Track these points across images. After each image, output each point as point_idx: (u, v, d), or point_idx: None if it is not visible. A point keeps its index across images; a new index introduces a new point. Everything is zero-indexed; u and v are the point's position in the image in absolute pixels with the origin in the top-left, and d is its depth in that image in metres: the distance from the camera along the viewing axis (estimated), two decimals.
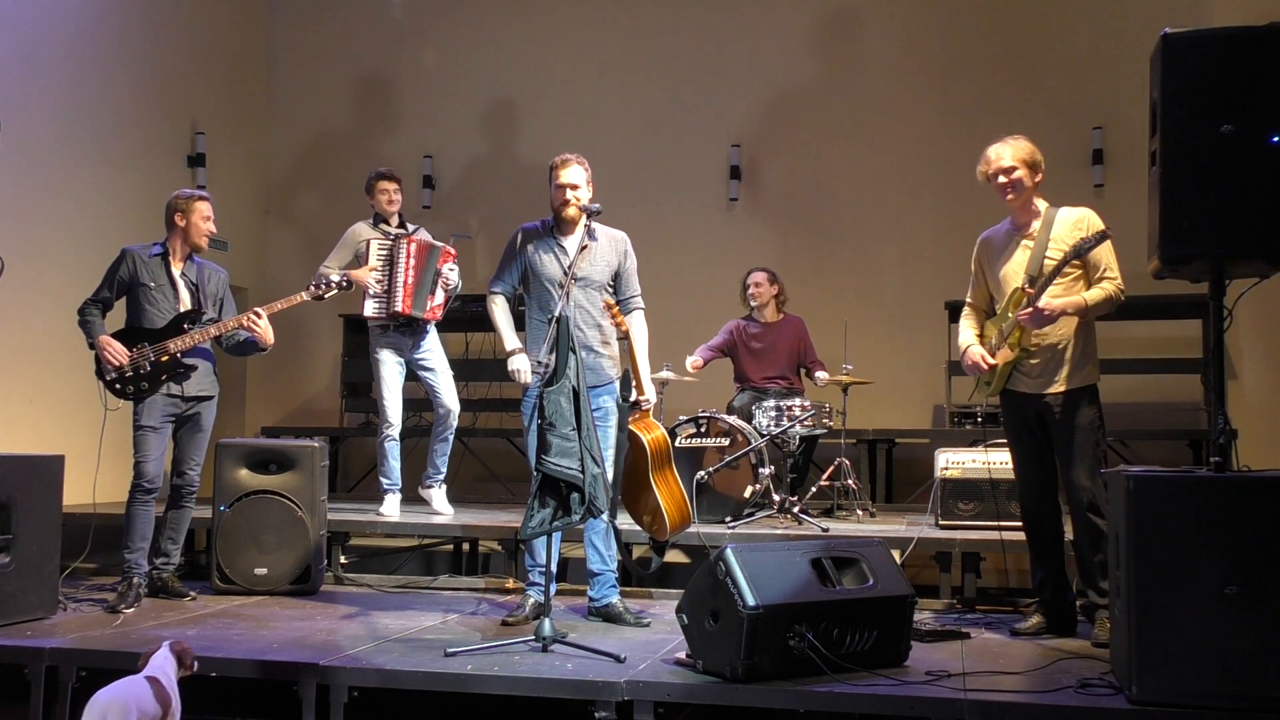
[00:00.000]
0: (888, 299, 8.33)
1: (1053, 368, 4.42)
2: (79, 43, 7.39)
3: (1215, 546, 3.36)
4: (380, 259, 6.15)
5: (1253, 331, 7.40)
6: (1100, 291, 4.32)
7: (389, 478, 6.28)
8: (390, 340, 6.25)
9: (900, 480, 7.72)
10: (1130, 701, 3.40)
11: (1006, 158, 4.48)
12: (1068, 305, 4.33)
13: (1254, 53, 3.44)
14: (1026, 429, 4.56)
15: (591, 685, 3.70)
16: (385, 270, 6.14)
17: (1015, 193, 4.50)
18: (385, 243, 6.20)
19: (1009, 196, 4.52)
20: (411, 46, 9.21)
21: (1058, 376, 4.41)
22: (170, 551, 5.37)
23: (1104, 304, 4.32)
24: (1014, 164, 4.46)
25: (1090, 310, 4.34)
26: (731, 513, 5.93)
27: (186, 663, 3.64)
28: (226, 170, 8.65)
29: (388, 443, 6.26)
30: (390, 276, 6.13)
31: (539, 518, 4.14)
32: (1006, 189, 4.50)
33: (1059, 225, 4.44)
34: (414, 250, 6.16)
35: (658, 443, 4.68)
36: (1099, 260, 4.33)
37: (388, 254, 6.16)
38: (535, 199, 8.73)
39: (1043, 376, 4.44)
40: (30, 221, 6.86)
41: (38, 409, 6.83)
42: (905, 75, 8.39)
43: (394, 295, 6.11)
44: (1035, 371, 4.45)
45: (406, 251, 6.14)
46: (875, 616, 3.87)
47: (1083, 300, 4.32)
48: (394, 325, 6.21)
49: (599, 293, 4.75)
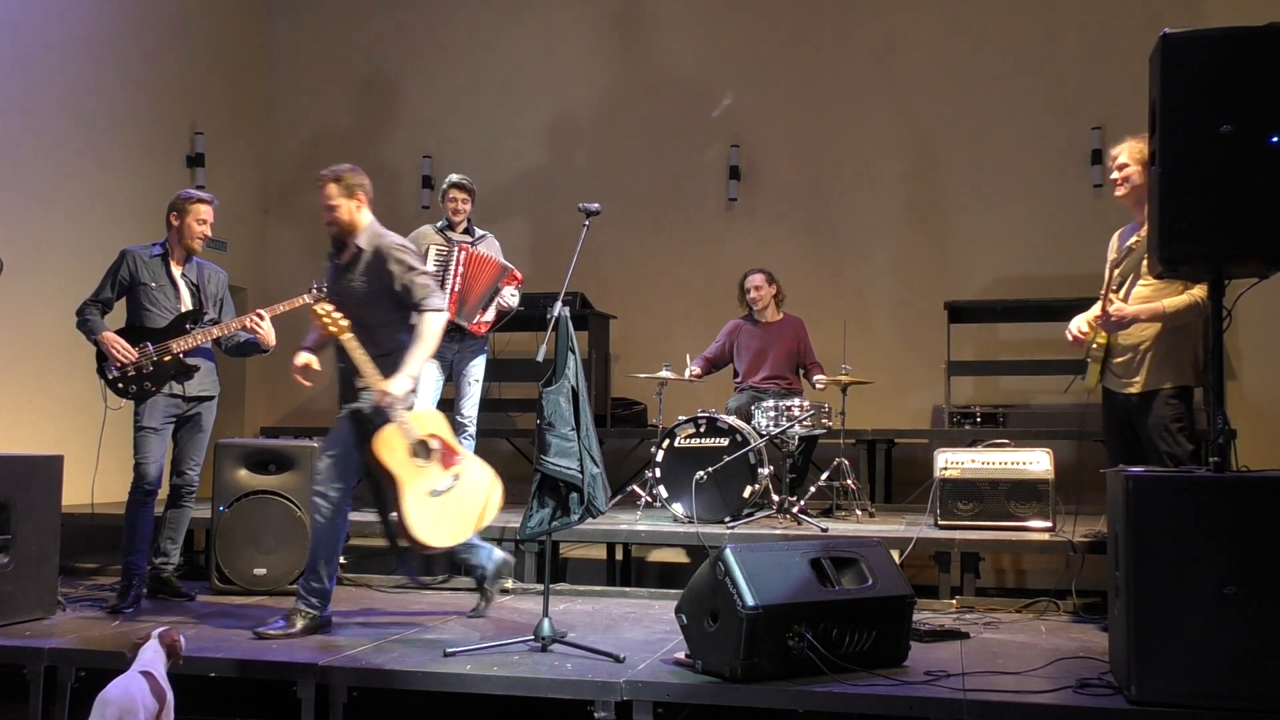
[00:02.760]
0: (888, 299, 8.33)
1: (1134, 366, 4.44)
2: (79, 43, 7.39)
3: (1215, 546, 3.36)
4: (436, 265, 6.20)
5: (1252, 331, 7.40)
6: (1187, 298, 4.29)
7: None
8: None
9: (899, 480, 7.71)
10: (1130, 701, 3.40)
11: (1122, 154, 4.51)
12: (1141, 312, 4.34)
13: (1253, 53, 3.43)
14: (1117, 426, 4.60)
15: (591, 685, 3.70)
16: (437, 275, 6.17)
17: (1124, 188, 4.53)
18: (443, 249, 6.24)
19: (1119, 192, 4.57)
20: (412, 46, 9.21)
21: (1137, 376, 4.44)
22: (170, 551, 5.37)
23: (1187, 311, 4.29)
24: (1126, 160, 4.49)
25: (1170, 318, 4.31)
26: (731, 513, 5.93)
27: (177, 654, 3.63)
28: (226, 170, 8.65)
29: None
30: (440, 281, 6.16)
31: (538, 518, 4.15)
32: (1118, 184, 4.53)
33: None
34: (465, 259, 6.18)
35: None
36: None
37: (443, 260, 6.21)
38: (536, 199, 8.81)
39: (1125, 375, 4.48)
40: (30, 221, 6.87)
41: (38, 409, 6.83)
42: (906, 75, 8.38)
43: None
44: (1120, 370, 4.49)
45: (458, 259, 6.17)
46: (874, 616, 3.87)
47: (1160, 307, 4.32)
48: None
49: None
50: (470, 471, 4.56)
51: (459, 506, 4.48)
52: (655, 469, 6.14)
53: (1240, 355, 7.45)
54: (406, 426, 4.40)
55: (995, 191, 8.16)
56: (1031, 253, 8.05)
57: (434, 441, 4.47)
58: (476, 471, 4.59)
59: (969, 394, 7.95)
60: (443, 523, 4.43)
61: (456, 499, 4.47)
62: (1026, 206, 8.07)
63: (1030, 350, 7.99)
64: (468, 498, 4.51)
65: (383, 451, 4.38)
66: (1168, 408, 4.40)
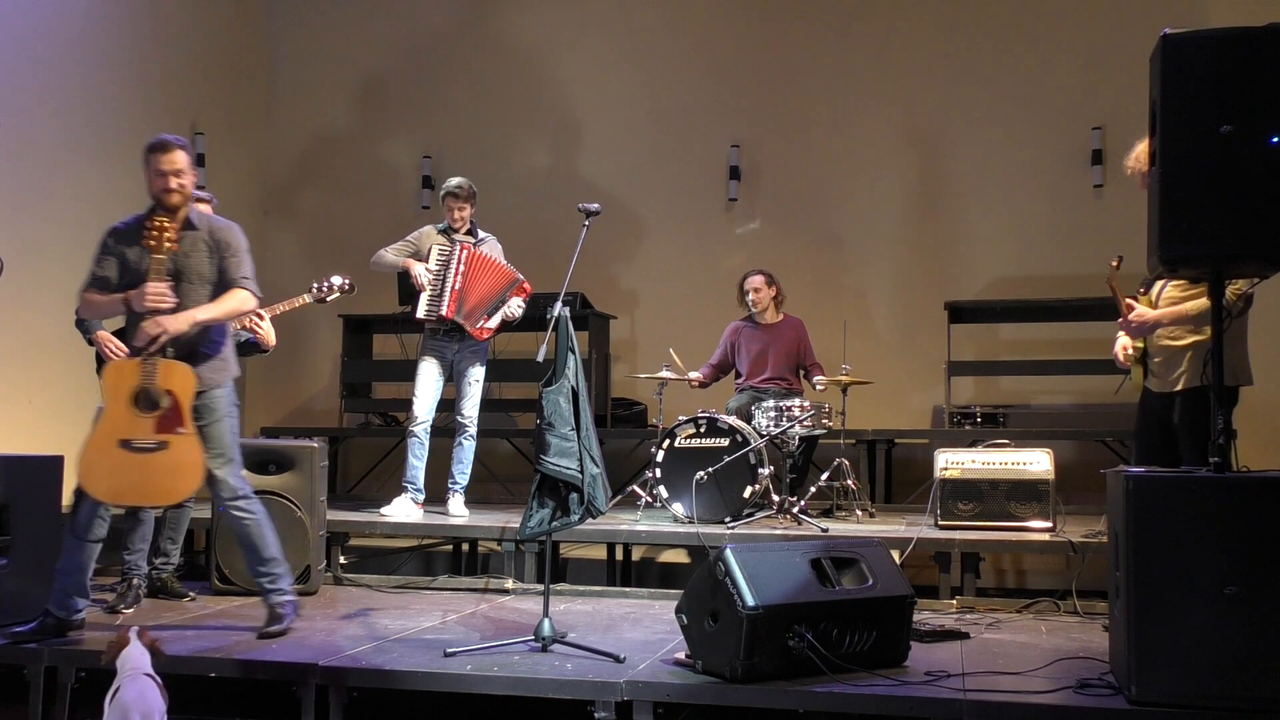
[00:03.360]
0: (887, 299, 8.33)
1: (1171, 367, 4.43)
2: (79, 42, 7.38)
3: (1215, 546, 3.35)
4: (438, 263, 6.24)
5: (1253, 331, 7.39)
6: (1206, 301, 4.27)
7: (405, 475, 6.31)
8: (434, 344, 6.35)
9: (900, 480, 7.71)
10: (1130, 701, 3.40)
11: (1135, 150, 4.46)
12: (1163, 316, 4.34)
13: (1254, 53, 3.43)
14: (1147, 424, 4.58)
15: (591, 685, 3.70)
16: (439, 274, 6.21)
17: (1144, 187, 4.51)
18: (445, 248, 6.27)
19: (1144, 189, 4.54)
20: (412, 46, 9.21)
21: (1173, 376, 4.42)
22: (170, 551, 5.37)
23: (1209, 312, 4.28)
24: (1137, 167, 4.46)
25: (1194, 320, 4.28)
26: (731, 513, 5.93)
27: (159, 653, 3.60)
28: (226, 170, 8.64)
29: (409, 439, 6.33)
30: (441, 280, 6.19)
31: (538, 518, 4.14)
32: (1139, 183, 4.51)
33: None
34: (466, 258, 6.21)
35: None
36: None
37: (444, 259, 6.24)
38: (536, 198, 8.80)
39: (1162, 375, 4.46)
40: (30, 221, 6.86)
41: (38, 409, 6.82)
42: (906, 75, 8.38)
43: (441, 298, 6.18)
44: (1159, 370, 4.47)
45: (459, 258, 6.20)
46: (875, 617, 3.87)
47: (1181, 310, 4.30)
48: (443, 330, 6.30)
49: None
50: (183, 452, 4.19)
51: (145, 473, 4.14)
52: (655, 469, 6.14)
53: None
54: (150, 366, 4.14)
55: (995, 191, 8.15)
56: (1032, 253, 8.04)
57: (167, 400, 4.15)
58: (188, 457, 4.20)
59: (969, 394, 7.95)
60: (116, 476, 4.13)
61: (147, 465, 4.13)
62: (1027, 206, 8.07)
63: (1030, 350, 7.99)
64: (161, 471, 4.16)
65: (109, 378, 4.18)
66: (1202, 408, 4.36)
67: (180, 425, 4.18)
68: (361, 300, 6.57)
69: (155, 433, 4.15)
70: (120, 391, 4.15)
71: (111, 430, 4.14)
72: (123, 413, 4.13)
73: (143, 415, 4.14)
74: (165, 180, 4.36)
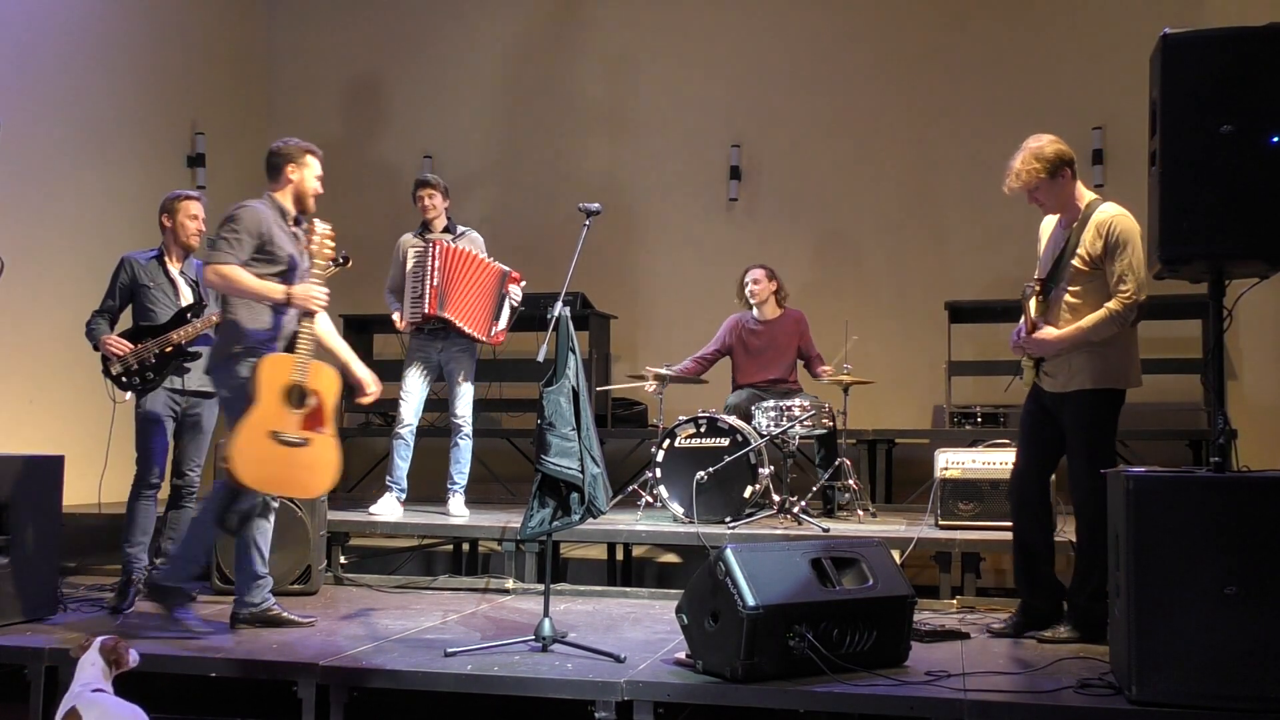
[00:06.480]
0: (888, 299, 8.32)
1: (1062, 367, 4.41)
2: (79, 43, 7.39)
3: (1215, 547, 3.36)
4: (415, 265, 6.20)
5: (1253, 331, 7.40)
6: (1103, 312, 4.23)
7: (390, 475, 6.30)
8: (419, 346, 6.33)
9: (900, 480, 7.71)
10: (1130, 701, 3.40)
11: (1010, 180, 4.50)
12: (1064, 337, 4.31)
13: (1253, 53, 3.43)
14: (1031, 416, 4.56)
15: (591, 685, 3.71)
16: (417, 276, 6.17)
17: (1041, 205, 4.52)
18: (420, 248, 6.23)
19: (1041, 208, 4.52)
20: (412, 46, 9.20)
21: (1064, 376, 4.40)
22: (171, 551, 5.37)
23: (1104, 325, 4.23)
24: (1017, 186, 4.49)
25: (1090, 335, 4.26)
26: (731, 513, 5.93)
27: (122, 661, 3.56)
28: (226, 170, 8.64)
29: (394, 440, 6.32)
30: (420, 281, 6.15)
31: (538, 518, 4.14)
32: (1034, 205, 4.51)
33: (1089, 228, 4.35)
34: (439, 252, 6.15)
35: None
36: (1115, 269, 4.24)
37: (420, 259, 6.19)
38: (536, 198, 8.80)
39: (1055, 375, 4.44)
40: (30, 221, 6.87)
41: (39, 409, 6.83)
42: (906, 74, 8.38)
43: (422, 300, 6.14)
44: (1053, 370, 4.45)
45: (432, 253, 6.15)
46: (875, 617, 3.87)
47: (1077, 330, 4.29)
48: (426, 329, 6.26)
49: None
50: (323, 450, 4.38)
51: (289, 466, 4.29)
52: (655, 469, 6.13)
53: (1240, 355, 7.45)
54: (304, 364, 4.30)
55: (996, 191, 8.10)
56: (1032, 253, 8.00)
57: (314, 399, 4.33)
58: (327, 455, 4.41)
59: (969, 394, 7.94)
60: (264, 466, 4.25)
61: (291, 458, 4.29)
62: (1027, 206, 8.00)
63: None
64: (302, 466, 4.32)
65: (264, 371, 4.28)
66: (1095, 410, 4.34)
67: (323, 425, 4.37)
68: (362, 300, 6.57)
69: (301, 429, 4.30)
70: (274, 385, 4.28)
71: (262, 421, 4.26)
72: (275, 405, 4.28)
73: (292, 410, 4.29)
74: (317, 187, 4.72)
